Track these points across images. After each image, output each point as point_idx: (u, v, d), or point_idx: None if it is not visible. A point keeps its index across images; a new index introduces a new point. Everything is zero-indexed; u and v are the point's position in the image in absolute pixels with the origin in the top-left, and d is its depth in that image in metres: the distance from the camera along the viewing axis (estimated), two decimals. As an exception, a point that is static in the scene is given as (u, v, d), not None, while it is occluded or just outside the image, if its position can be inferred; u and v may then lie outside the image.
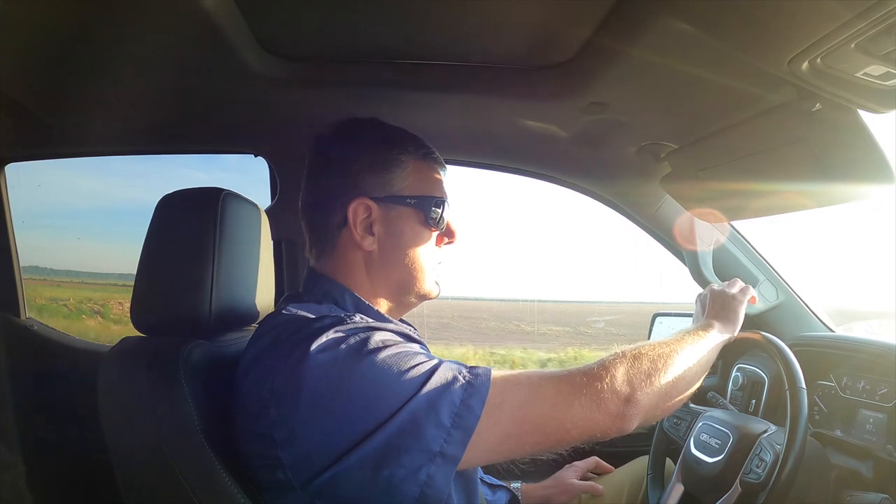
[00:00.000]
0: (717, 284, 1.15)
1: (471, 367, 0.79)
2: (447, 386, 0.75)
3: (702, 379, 0.94)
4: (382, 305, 0.94)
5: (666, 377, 0.85)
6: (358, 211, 0.90)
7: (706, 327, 1.01)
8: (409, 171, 0.92)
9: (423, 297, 0.97)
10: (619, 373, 0.81)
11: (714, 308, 1.08)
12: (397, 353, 0.77)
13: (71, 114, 1.37)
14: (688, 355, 0.91)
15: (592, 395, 0.79)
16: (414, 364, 0.76)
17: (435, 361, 0.79)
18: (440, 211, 0.93)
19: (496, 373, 0.79)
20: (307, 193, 0.95)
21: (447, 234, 0.97)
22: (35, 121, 1.39)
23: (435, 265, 0.96)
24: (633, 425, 0.81)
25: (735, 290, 1.12)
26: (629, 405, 0.80)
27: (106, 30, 0.96)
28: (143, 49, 1.02)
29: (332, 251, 0.93)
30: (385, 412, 0.73)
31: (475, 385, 0.76)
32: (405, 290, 0.95)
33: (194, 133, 1.53)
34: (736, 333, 1.06)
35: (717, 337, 1.00)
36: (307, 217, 0.96)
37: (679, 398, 0.91)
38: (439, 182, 0.96)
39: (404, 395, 0.74)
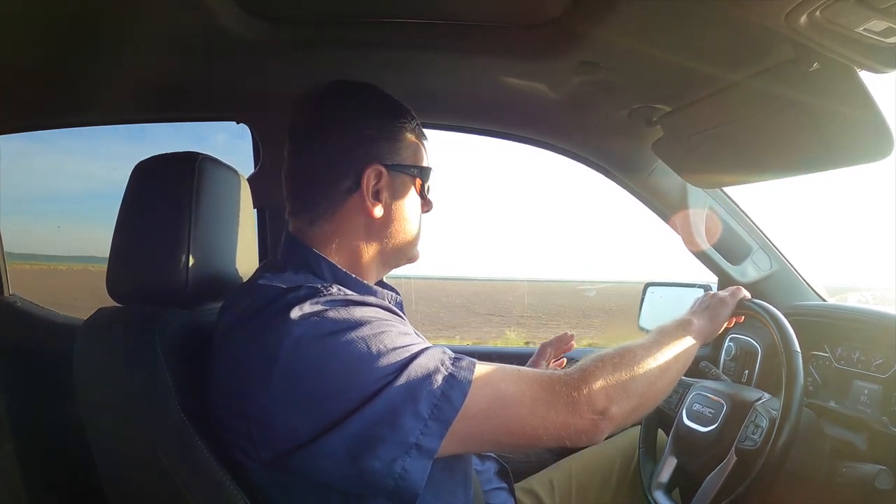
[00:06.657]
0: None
1: (454, 357, 0.78)
2: (428, 375, 0.73)
3: (677, 380, 0.96)
4: (372, 268, 0.94)
5: (644, 386, 0.86)
6: (371, 177, 0.89)
7: (685, 325, 1.01)
8: (409, 142, 0.93)
9: (411, 261, 1.00)
10: (598, 385, 0.80)
11: (700, 306, 1.11)
12: (377, 333, 0.74)
13: (49, 85, 1.33)
14: (667, 361, 0.91)
15: (569, 406, 0.78)
16: (394, 346, 0.74)
17: (416, 347, 0.76)
18: (429, 182, 0.97)
19: (480, 366, 0.77)
20: (307, 156, 0.91)
21: (426, 204, 1.00)
22: (14, 93, 1.35)
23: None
24: (603, 436, 0.81)
25: (726, 293, 1.13)
26: (603, 418, 0.80)
27: None
28: (118, 15, 0.99)
29: (332, 216, 0.90)
30: (360, 395, 0.71)
31: (458, 377, 0.74)
32: (399, 254, 0.96)
33: (174, 101, 1.48)
34: (716, 333, 1.08)
35: (695, 337, 1.01)
36: (305, 181, 0.91)
37: (654, 404, 0.92)
38: (425, 154, 0.98)
39: (381, 379, 0.71)
